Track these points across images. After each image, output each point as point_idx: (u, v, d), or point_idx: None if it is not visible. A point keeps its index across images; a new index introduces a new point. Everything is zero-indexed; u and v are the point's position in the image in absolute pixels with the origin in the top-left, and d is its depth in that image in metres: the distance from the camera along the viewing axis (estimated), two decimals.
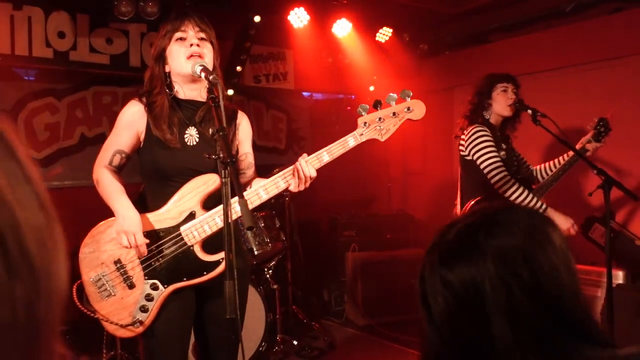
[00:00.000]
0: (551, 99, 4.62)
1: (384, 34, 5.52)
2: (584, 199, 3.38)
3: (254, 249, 3.95)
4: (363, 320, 5.02)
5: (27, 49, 4.18)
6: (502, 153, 3.19)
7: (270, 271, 4.37)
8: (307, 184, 2.17)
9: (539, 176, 3.39)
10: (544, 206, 3.09)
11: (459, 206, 3.31)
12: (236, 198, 1.80)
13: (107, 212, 2.21)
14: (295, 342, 4.34)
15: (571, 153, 3.21)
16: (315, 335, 4.67)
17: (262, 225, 4.06)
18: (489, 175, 3.12)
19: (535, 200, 3.07)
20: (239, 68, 5.14)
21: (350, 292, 5.18)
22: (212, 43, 2.21)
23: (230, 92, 5.10)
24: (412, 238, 5.63)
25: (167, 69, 2.20)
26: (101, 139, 4.79)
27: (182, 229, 2.13)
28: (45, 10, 4.22)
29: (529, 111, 3.16)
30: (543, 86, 4.85)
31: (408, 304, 5.14)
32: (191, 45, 2.14)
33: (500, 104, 3.25)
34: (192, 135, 2.20)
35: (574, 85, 4.85)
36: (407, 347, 4.46)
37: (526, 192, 3.06)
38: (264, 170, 2.53)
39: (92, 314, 2.12)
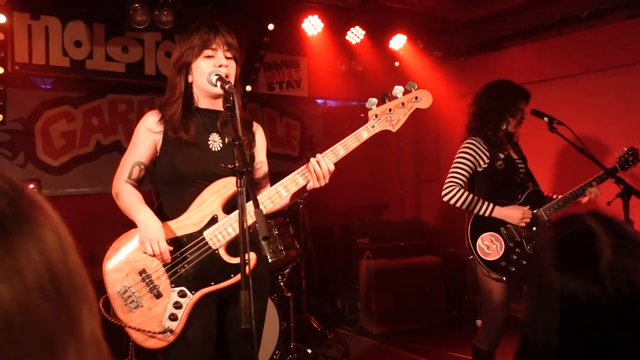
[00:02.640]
0: (566, 106, 4.58)
1: (398, 41, 5.52)
2: (603, 207, 3.33)
3: (268, 257, 3.95)
4: (377, 329, 4.99)
5: (45, 58, 4.24)
6: (499, 163, 3.16)
7: (284, 279, 4.36)
8: (327, 179, 2.15)
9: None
10: (490, 207, 3.10)
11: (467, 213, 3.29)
12: (251, 206, 1.80)
13: (122, 219, 2.22)
14: (309, 351, 4.33)
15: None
16: (329, 344, 4.65)
17: (276, 233, 4.06)
18: (445, 181, 3.19)
19: (480, 203, 3.10)
20: (252, 76, 5.16)
21: (364, 300, 5.16)
22: (236, 60, 2.24)
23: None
24: (426, 245, 5.60)
25: (189, 80, 2.22)
26: (116, 146, 4.84)
27: (205, 233, 2.13)
28: (62, 20, 4.28)
29: (545, 119, 3.13)
30: (557, 93, 4.82)
31: (422, 311, 5.11)
32: (220, 65, 2.15)
33: (516, 123, 3.24)
34: (215, 141, 2.22)
35: (589, 92, 4.81)
36: (422, 355, 4.43)
37: (469, 197, 3.10)
38: (278, 177, 2.53)
39: (123, 325, 2.11)
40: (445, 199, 3.16)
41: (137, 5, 4.14)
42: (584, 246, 0.94)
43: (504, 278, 3.12)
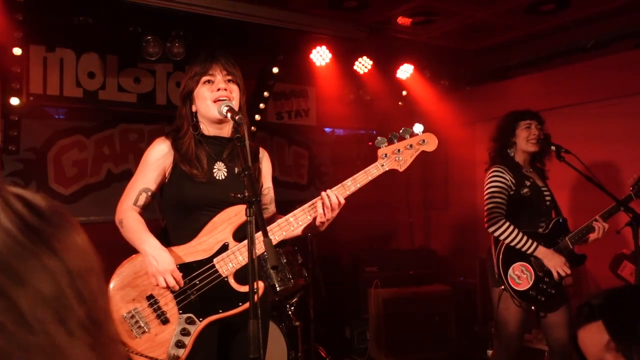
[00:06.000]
0: (573, 135, 4.59)
1: (405, 70, 5.58)
2: (613, 236, 3.32)
3: (276, 285, 3.94)
4: (386, 358, 4.93)
5: (59, 88, 4.33)
6: (525, 190, 3.17)
7: (293, 308, 4.34)
8: (335, 212, 2.20)
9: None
10: (534, 246, 3.09)
11: (493, 242, 3.29)
12: (261, 236, 1.82)
13: (132, 247, 2.24)
14: None
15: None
16: None
17: (285, 261, 4.06)
18: (485, 216, 3.21)
19: (524, 240, 3.09)
20: (262, 105, 5.23)
21: (373, 330, 5.10)
22: (238, 84, 2.28)
23: (252, 129, 5.20)
24: (435, 274, 5.55)
25: (193, 109, 2.27)
26: (127, 175, 4.88)
27: (215, 260, 2.15)
28: (76, 52, 4.39)
29: (553, 147, 3.16)
30: (564, 122, 4.83)
31: (432, 341, 5.05)
32: (218, 89, 2.20)
33: (524, 141, 3.26)
34: (220, 170, 2.25)
35: (596, 120, 4.82)
36: None
37: (514, 232, 3.10)
38: (286, 205, 2.56)
39: (129, 351, 2.10)
40: (491, 230, 3.16)
41: (149, 37, 4.24)
42: None
43: (533, 307, 3.12)
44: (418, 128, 2.37)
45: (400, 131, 2.35)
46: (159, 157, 2.24)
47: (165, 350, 2.10)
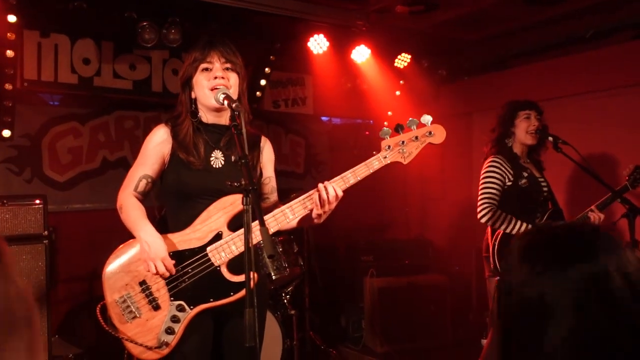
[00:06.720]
0: (571, 125, 4.58)
1: (403, 59, 5.55)
2: (609, 228, 3.32)
3: (272, 274, 3.94)
4: (381, 347, 4.95)
5: (53, 75, 4.28)
6: (523, 181, 3.18)
7: (288, 296, 4.35)
8: (332, 206, 2.16)
9: None
10: (524, 225, 3.13)
11: (489, 233, 3.28)
12: (257, 224, 1.81)
13: (127, 235, 2.23)
14: None
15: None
16: None
17: (280, 250, 4.06)
18: (478, 204, 3.22)
19: (513, 223, 3.11)
20: (258, 93, 5.20)
21: (369, 318, 5.12)
22: (238, 72, 2.26)
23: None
24: (431, 264, 5.56)
25: (193, 96, 2.26)
26: (122, 162, 4.86)
27: (208, 249, 2.14)
28: (71, 38, 4.34)
29: (550, 138, 3.15)
30: (562, 112, 4.82)
31: (427, 330, 5.07)
32: (215, 77, 2.18)
33: (522, 132, 3.25)
34: (217, 158, 2.24)
35: (594, 111, 4.81)
36: None
37: (504, 217, 3.11)
38: (281, 194, 2.55)
39: (117, 335, 2.12)
40: (483, 220, 3.17)
41: (145, 23, 4.19)
42: None
43: None
44: (426, 119, 2.24)
45: (407, 122, 2.25)
46: (157, 143, 2.24)
47: (155, 336, 2.11)
